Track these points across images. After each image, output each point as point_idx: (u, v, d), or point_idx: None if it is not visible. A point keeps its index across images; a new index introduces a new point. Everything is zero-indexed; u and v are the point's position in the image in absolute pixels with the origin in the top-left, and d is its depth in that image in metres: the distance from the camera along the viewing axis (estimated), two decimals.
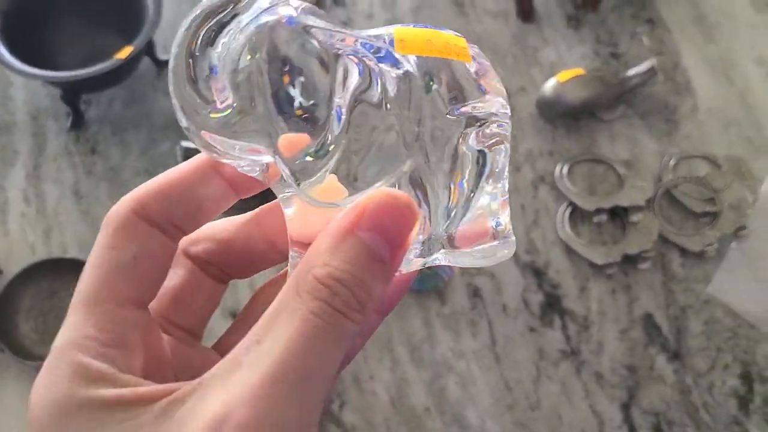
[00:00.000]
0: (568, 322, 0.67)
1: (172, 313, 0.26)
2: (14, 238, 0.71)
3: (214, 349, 0.28)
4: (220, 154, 0.22)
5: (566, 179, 0.73)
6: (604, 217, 0.71)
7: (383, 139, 0.23)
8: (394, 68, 0.23)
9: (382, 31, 0.24)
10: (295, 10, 0.22)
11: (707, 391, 0.65)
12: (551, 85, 0.75)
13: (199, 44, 0.21)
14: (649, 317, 0.68)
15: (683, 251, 0.70)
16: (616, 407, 0.64)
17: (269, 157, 0.22)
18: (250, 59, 0.21)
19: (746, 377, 0.65)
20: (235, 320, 0.28)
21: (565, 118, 0.76)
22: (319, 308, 0.20)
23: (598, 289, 0.69)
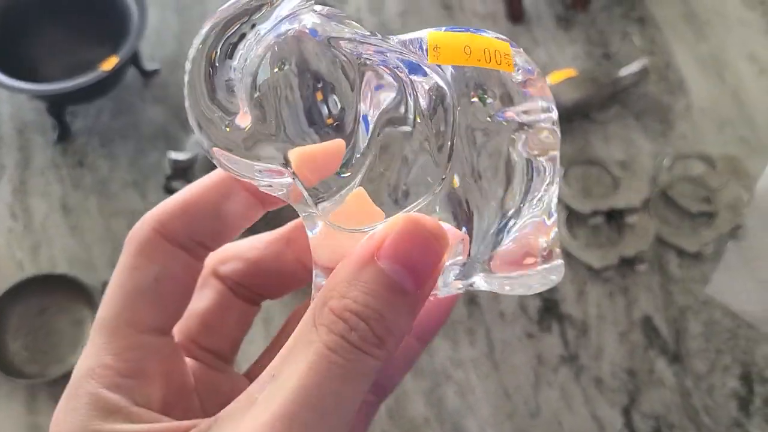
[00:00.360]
0: (566, 326, 0.67)
1: (200, 336, 0.25)
2: (1, 254, 0.70)
3: (248, 374, 0.27)
4: (239, 174, 0.21)
5: (561, 182, 0.72)
6: (600, 220, 0.70)
7: (415, 156, 0.21)
8: (426, 79, 0.21)
9: (414, 36, 0.22)
10: (318, 16, 0.20)
11: (707, 393, 0.64)
12: None
13: (216, 56, 0.20)
14: (648, 320, 0.67)
15: (680, 252, 0.69)
16: (616, 412, 0.63)
17: (289, 178, 0.21)
18: (273, 72, 0.19)
19: (746, 378, 0.65)
20: (268, 345, 0.27)
21: (558, 120, 0.75)
22: (334, 343, 0.19)
23: (596, 292, 0.68)
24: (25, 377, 0.63)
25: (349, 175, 0.20)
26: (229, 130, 0.20)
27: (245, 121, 0.20)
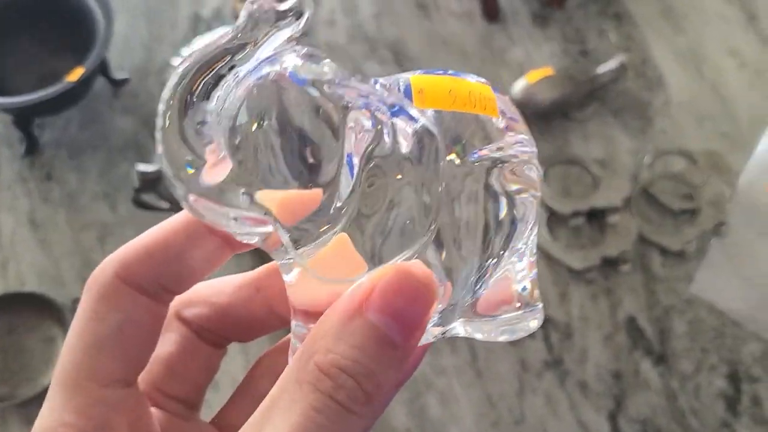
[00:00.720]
0: (550, 330, 0.65)
1: (164, 383, 0.24)
2: None
3: (213, 422, 0.25)
4: (213, 222, 0.20)
5: (541, 183, 0.71)
6: (581, 220, 0.69)
7: (401, 203, 0.20)
8: (410, 122, 0.20)
9: (397, 78, 0.21)
10: (299, 57, 0.19)
11: (694, 394, 0.63)
12: (520, 86, 0.73)
13: (191, 98, 0.19)
14: (632, 321, 0.66)
15: (663, 251, 0.68)
16: (602, 417, 0.62)
17: (269, 226, 0.20)
18: (253, 125, 0.19)
19: (733, 377, 0.64)
20: (234, 391, 0.26)
21: (536, 119, 0.74)
22: (320, 402, 0.18)
23: (578, 294, 0.67)
24: None
25: (332, 221, 0.20)
26: (205, 176, 0.19)
27: (223, 166, 0.19)
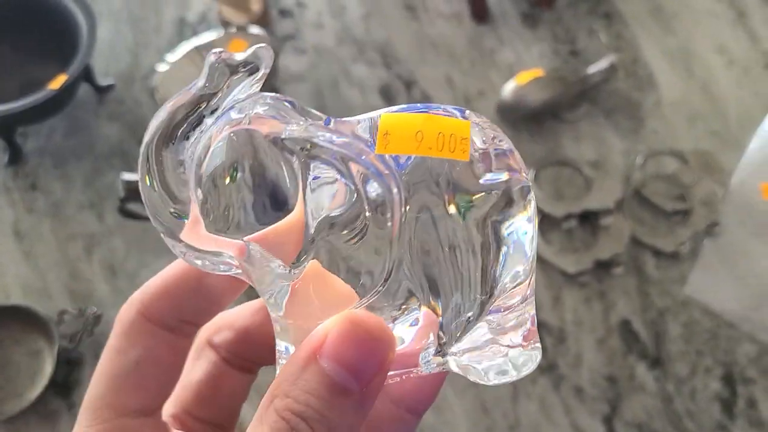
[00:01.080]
0: (543, 335, 0.65)
1: (195, 408, 0.25)
2: None
3: None
4: (207, 268, 0.21)
5: (533, 185, 0.70)
6: (573, 222, 0.69)
7: (358, 253, 0.20)
8: (380, 164, 0.20)
9: (370, 116, 0.20)
10: (264, 106, 0.20)
11: (689, 397, 0.62)
12: (511, 88, 0.72)
13: (171, 141, 0.20)
14: (626, 324, 0.65)
15: (657, 252, 0.68)
16: (598, 421, 0.62)
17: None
18: (218, 165, 0.19)
19: (728, 379, 0.63)
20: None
21: (527, 121, 0.74)
22: None
23: (572, 298, 0.66)
24: None
25: (298, 266, 0.20)
26: (182, 218, 0.20)
27: (195, 208, 0.20)
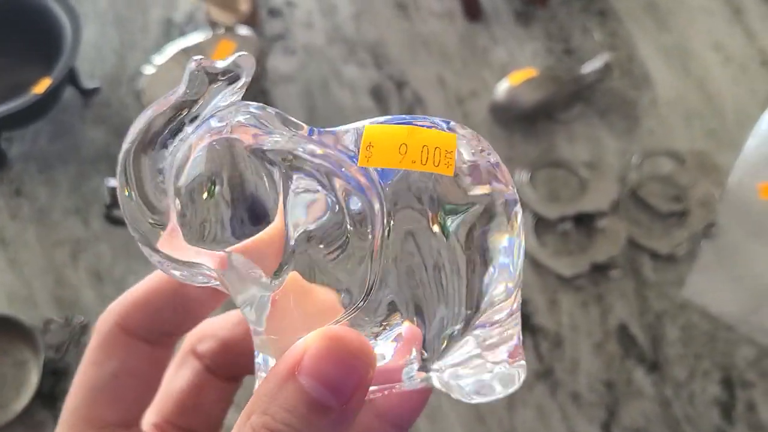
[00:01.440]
0: (539, 339, 0.64)
1: (178, 417, 0.25)
2: None
3: None
4: (185, 279, 0.20)
5: (527, 187, 0.69)
6: (568, 225, 0.67)
7: (344, 265, 0.19)
8: (361, 177, 0.19)
9: (356, 127, 0.20)
10: (244, 115, 0.19)
11: (688, 401, 0.61)
12: (504, 88, 0.71)
13: (150, 150, 0.19)
14: (623, 328, 0.64)
15: (654, 255, 0.67)
16: (595, 427, 0.61)
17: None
18: (197, 177, 0.19)
19: (727, 383, 0.62)
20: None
21: (520, 122, 0.72)
22: None
23: (568, 302, 0.65)
24: None
25: (277, 278, 0.20)
26: (164, 239, 0.20)
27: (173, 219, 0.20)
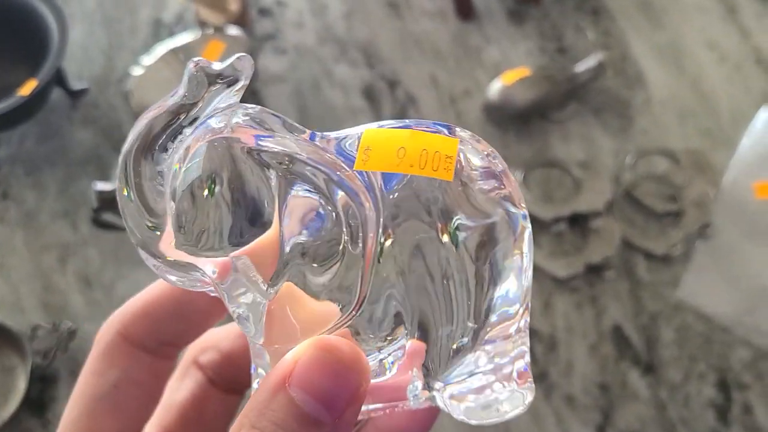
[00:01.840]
0: (534, 342, 0.63)
1: (179, 429, 0.25)
2: None
3: None
4: (183, 285, 0.20)
5: (521, 187, 0.68)
6: (563, 226, 0.67)
7: (328, 278, 0.19)
8: (356, 181, 0.19)
9: (353, 131, 0.19)
10: (242, 117, 0.19)
11: (683, 404, 0.61)
12: (497, 88, 0.70)
13: (149, 152, 0.19)
14: (618, 329, 0.64)
15: (648, 255, 0.66)
16: (590, 430, 0.60)
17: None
18: (196, 177, 0.19)
19: (722, 385, 0.62)
20: None
21: (514, 121, 0.72)
22: None
23: (562, 303, 0.65)
24: None
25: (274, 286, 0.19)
26: (161, 243, 0.19)
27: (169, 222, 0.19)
